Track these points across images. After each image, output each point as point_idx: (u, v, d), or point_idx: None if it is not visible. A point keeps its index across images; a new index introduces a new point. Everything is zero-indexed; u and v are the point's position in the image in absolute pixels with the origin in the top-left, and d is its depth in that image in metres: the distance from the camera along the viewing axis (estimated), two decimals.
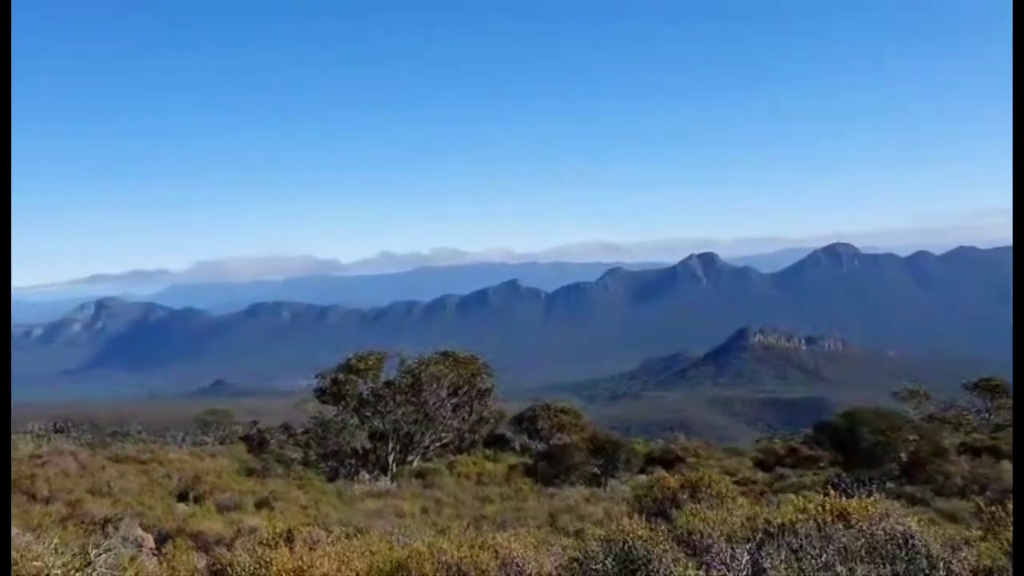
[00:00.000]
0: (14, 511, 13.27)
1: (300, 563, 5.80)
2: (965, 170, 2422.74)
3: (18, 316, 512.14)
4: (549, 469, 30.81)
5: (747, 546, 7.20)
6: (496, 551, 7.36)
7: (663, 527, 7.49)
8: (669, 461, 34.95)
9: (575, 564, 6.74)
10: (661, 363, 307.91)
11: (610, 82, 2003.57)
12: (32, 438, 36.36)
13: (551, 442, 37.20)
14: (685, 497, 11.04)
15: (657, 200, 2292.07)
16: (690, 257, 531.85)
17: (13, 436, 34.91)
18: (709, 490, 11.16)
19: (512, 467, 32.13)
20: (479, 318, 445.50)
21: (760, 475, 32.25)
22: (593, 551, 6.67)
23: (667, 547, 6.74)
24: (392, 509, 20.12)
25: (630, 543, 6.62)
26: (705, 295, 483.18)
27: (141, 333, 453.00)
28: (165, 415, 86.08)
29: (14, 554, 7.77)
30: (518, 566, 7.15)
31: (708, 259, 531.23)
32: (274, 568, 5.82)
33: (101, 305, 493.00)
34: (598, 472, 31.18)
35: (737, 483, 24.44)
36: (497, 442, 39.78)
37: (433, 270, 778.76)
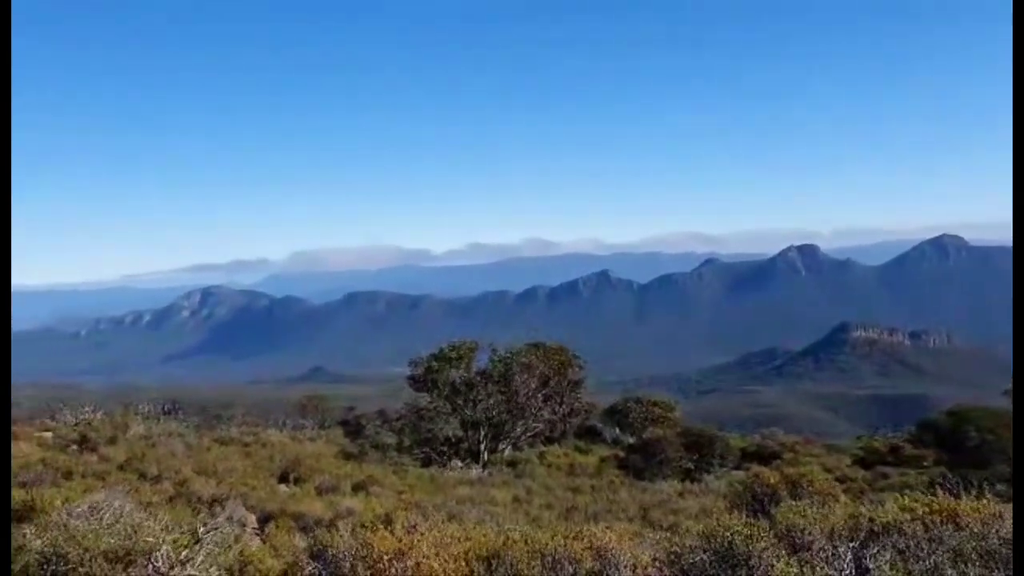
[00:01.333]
0: (128, 488, 13.92)
1: (400, 546, 5.90)
2: None
3: (129, 302, 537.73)
4: (641, 462, 30.56)
5: (850, 545, 6.98)
6: (591, 542, 7.34)
7: (763, 523, 7.32)
8: (765, 457, 34.19)
9: (673, 558, 6.66)
10: (757, 357, 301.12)
11: (709, 77, 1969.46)
12: (142, 419, 37.92)
13: (643, 435, 36.92)
14: (784, 493, 10.78)
15: (752, 191, 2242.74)
16: (789, 249, 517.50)
17: (126, 417, 36.65)
18: (810, 487, 10.87)
19: (603, 459, 32.01)
20: (569, 309, 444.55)
21: (860, 473, 31.25)
22: (691, 545, 6.57)
23: (767, 543, 6.59)
24: (484, 497, 20.26)
25: (730, 538, 6.50)
26: (804, 288, 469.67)
27: (244, 320, 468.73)
28: (266, 399, 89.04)
29: (127, 528, 8.17)
30: (613, 557, 7.11)
31: (808, 251, 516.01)
32: (375, 550, 5.93)
33: (207, 293, 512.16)
34: (691, 467, 30.76)
35: (837, 480, 23.75)
36: (588, 434, 39.69)
37: (523, 260, 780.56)
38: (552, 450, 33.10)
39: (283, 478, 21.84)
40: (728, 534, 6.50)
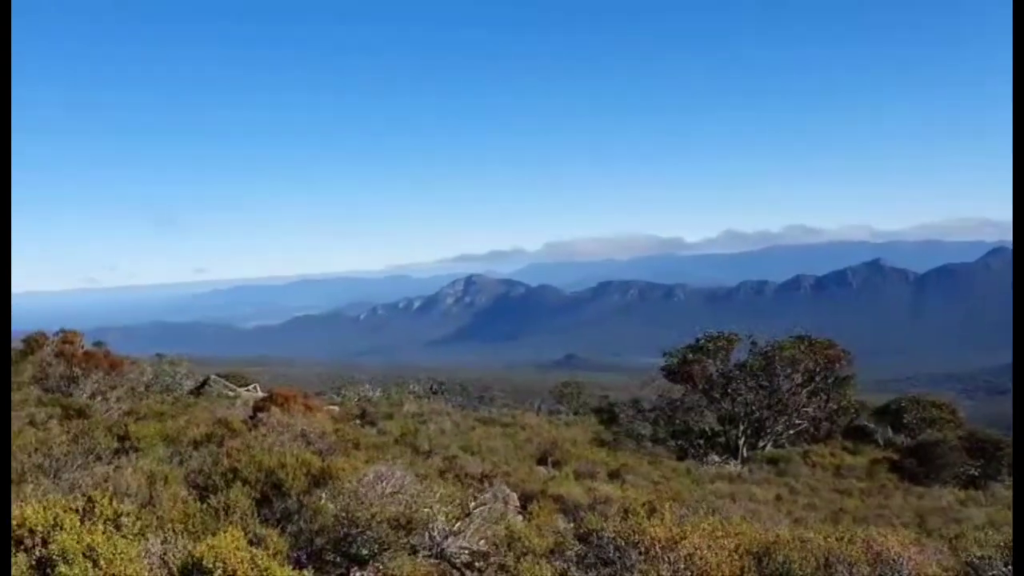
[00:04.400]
0: (402, 461, 14.97)
1: (671, 535, 5.86)
2: None
3: (403, 290, 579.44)
4: (917, 467, 28.30)
5: None
6: (868, 545, 6.87)
7: None
8: None
9: (969, 569, 6.06)
10: None
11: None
12: (414, 398, 40.59)
13: (919, 438, 34.10)
14: None
15: None
16: None
17: (400, 395, 39.57)
18: None
19: (875, 461, 29.91)
20: (837, 300, 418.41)
21: None
22: (990, 556, 5.95)
23: None
24: (744, 493, 19.71)
25: None
26: None
27: (502, 307, 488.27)
28: (522, 384, 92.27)
29: (407, 498, 8.78)
30: (893, 563, 6.60)
31: None
32: (647, 537, 5.94)
33: (470, 281, 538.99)
34: (976, 474, 28.05)
35: None
36: (856, 433, 37.20)
37: (784, 248, 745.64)
38: (816, 449, 31.41)
39: (541, 460, 22.51)
40: None
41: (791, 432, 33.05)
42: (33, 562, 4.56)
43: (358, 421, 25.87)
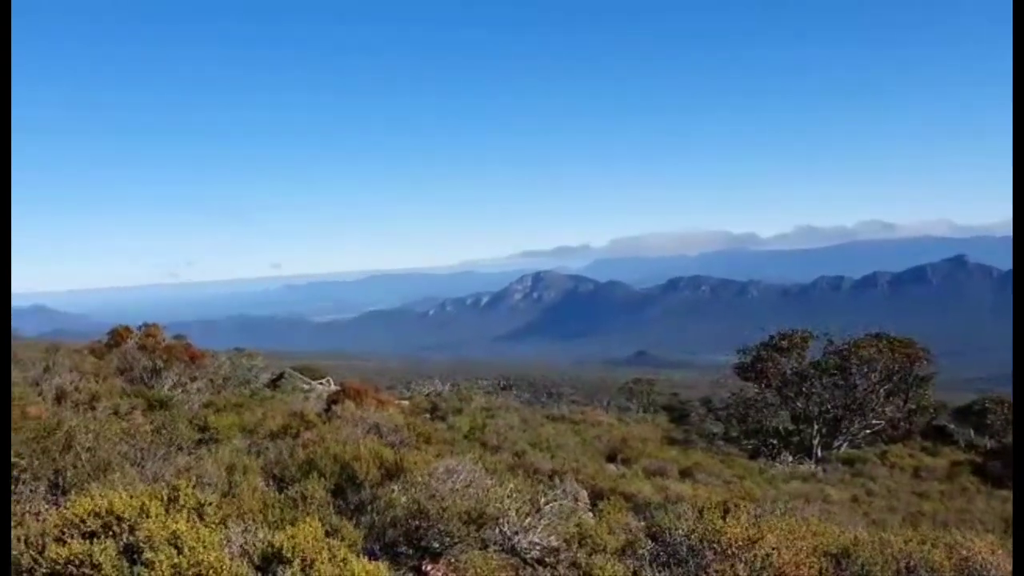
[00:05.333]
0: (472, 456, 15.06)
1: (748, 534, 5.76)
2: None
3: (471, 286, 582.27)
4: (1002, 470, 27.25)
5: None
6: (952, 550, 6.64)
7: None
8: None
9: None
10: None
11: None
12: (482, 394, 40.84)
13: (1003, 440, 32.88)
14: None
15: None
16: None
17: (469, 390, 39.85)
18: None
19: (956, 463, 28.94)
20: (916, 298, 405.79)
21: None
22: None
23: None
24: (819, 494, 19.30)
25: None
26: None
27: (570, 303, 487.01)
28: (591, 381, 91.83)
29: (478, 493, 8.83)
30: (980, 569, 6.36)
31: None
32: (725, 536, 5.86)
33: (538, 277, 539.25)
34: None
35: None
36: (936, 434, 36.08)
37: (860, 244, 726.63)
38: (894, 450, 30.54)
39: (611, 458, 22.41)
40: None
41: (867, 432, 32.22)
42: (121, 548, 4.72)
43: (428, 415, 26.13)
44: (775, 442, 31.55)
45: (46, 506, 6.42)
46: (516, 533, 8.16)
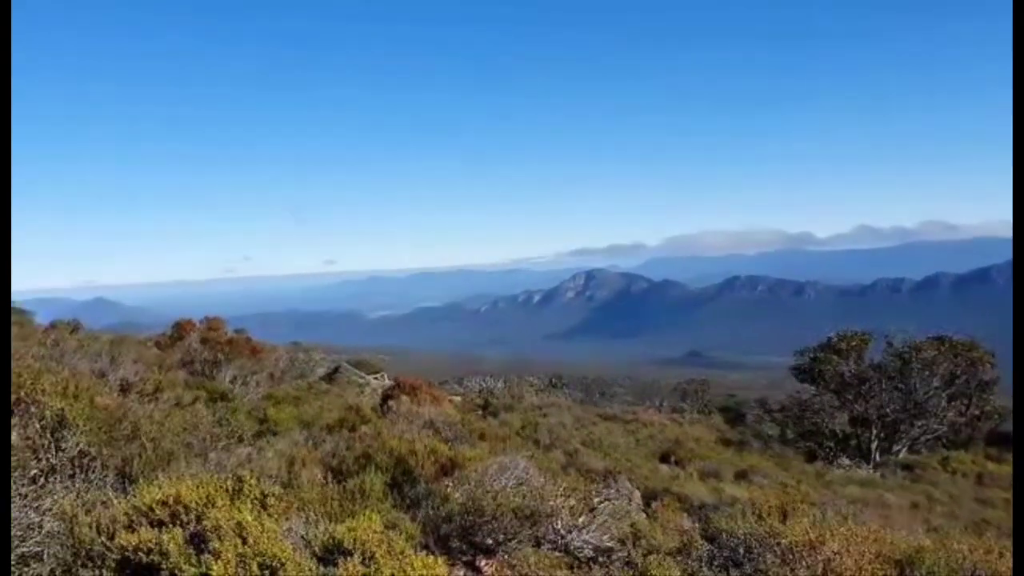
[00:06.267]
0: (524, 453, 15.11)
1: (810, 539, 5.69)
2: None
3: (522, 283, 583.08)
4: None
5: None
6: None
7: None
8: None
9: None
10: None
11: None
12: (534, 391, 40.88)
13: None
14: None
15: None
16: None
17: (521, 387, 39.93)
18: None
19: None
20: (980, 300, 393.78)
21: None
22: None
23: None
24: (878, 499, 18.93)
25: None
26: None
27: (623, 302, 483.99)
28: (644, 380, 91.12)
29: (532, 490, 8.85)
30: None
31: None
32: (785, 540, 5.79)
33: (590, 275, 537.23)
34: None
35: None
36: (1001, 441, 35.03)
37: (921, 245, 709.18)
38: (957, 456, 29.78)
39: (664, 458, 22.28)
40: None
41: (928, 437, 31.50)
42: (188, 537, 4.84)
43: (480, 412, 26.26)
44: (832, 445, 31.05)
45: (114, 494, 6.61)
46: (569, 531, 8.16)
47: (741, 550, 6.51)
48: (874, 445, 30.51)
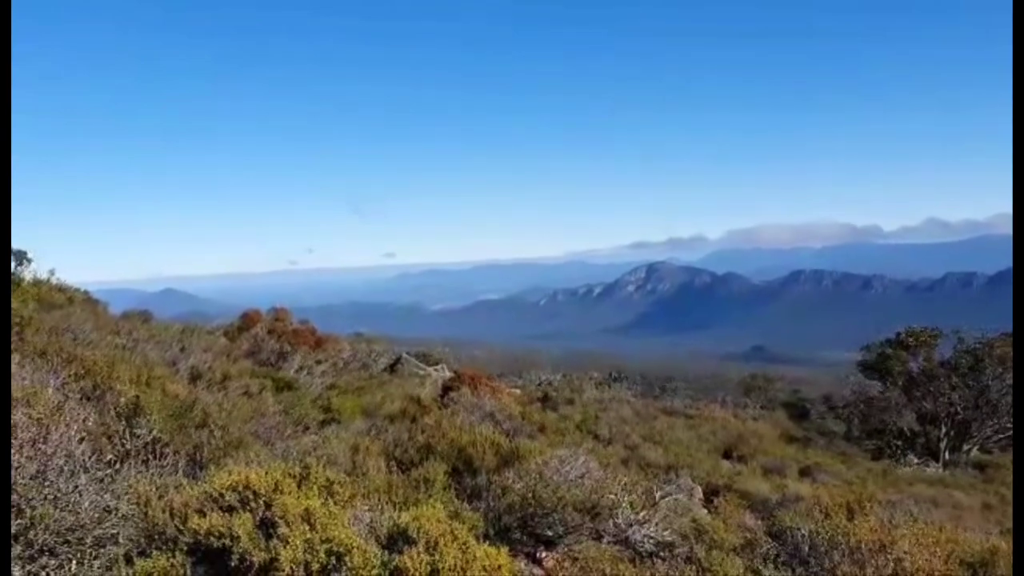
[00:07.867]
0: (584, 447, 15.08)
1: (880, 538, 5.58)
2: None
3: (582, 276, 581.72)
4: None
5: None
6: None
7: None
8: None
9: None
10: None
11: None
12: (594, 384, 40.68)
13: None
14: None
15: None
16: None
17: (581, 381, 39.81)
18: None
19: None
20: None
21: None
22: None
23: None
24: (947, 499, 18.42)
25: None
26: None
27: (685, 296, 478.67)
28: (706, 375, 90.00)
29: (592, 483, 8.84)
30: None
31: None
32: (853, 539, 5.69)
33: (651, 269, 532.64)
34: None
35: None
36: None
37: (994, 239, 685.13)
38: None
39: (726, 454, 22.01)
40: None
41: (1001, 437, 30.53)
42: (257, 522, 4.97)
43: (540, 404, 26.27)
44: (899, 443, 30.33)
45: (186, 479, 6.80)
46: (630, 525, 8.14)
47: (806, 548, 6.41)
48: (943, 443, 29.72)
